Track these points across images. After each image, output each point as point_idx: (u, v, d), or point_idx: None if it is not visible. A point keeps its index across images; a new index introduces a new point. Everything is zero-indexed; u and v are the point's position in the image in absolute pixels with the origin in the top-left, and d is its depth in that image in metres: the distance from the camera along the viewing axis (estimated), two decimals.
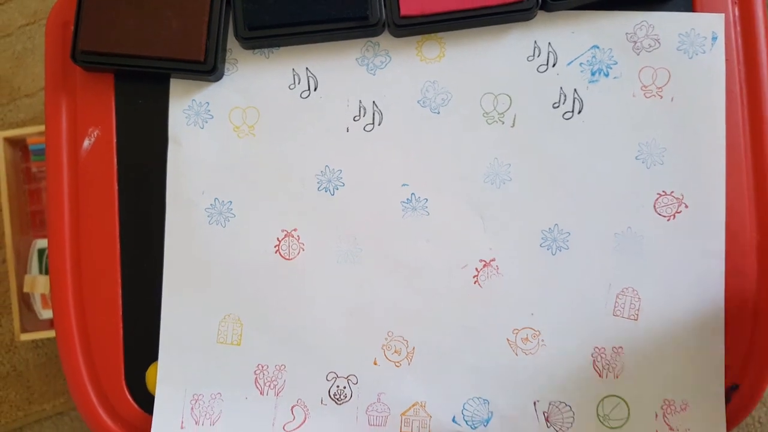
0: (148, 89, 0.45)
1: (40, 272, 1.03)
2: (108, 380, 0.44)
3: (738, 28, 0.45)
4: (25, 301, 1.02)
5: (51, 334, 1.01)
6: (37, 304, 1.02)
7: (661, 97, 0.44)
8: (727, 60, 0.44)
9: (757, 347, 0.43)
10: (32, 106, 1.14)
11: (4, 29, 1.16)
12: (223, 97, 0.45)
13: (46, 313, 1.03)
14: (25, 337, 1.00)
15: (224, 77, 0.45)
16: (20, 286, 1.00)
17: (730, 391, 0.43)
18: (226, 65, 0.45)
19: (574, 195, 0.44)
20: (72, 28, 0.45)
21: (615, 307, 0.43)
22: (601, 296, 0.43)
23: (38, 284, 1.00)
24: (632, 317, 0.43)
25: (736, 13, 0.45)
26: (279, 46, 0.45)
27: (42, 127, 1.04)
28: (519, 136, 0.44)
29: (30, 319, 1.02)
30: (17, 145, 1.04)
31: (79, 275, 0.45)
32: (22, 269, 1.02)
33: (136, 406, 0.44)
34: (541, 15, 0.44)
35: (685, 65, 0.44)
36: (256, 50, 0.45)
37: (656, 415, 0.43)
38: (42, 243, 1.05)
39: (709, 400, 0.43)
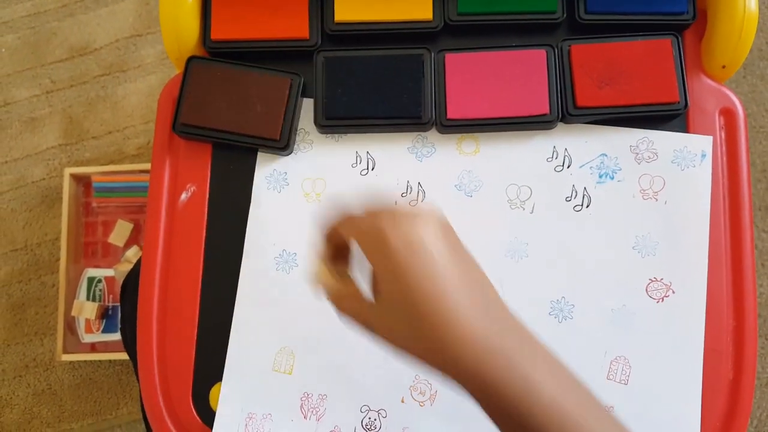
0: (239, 158, 0.53)
1: (88, 299, 1.08)
2: (178, 395, 0.51)
3: (724, 149, 0.52)
4: (70, 324, 1.06)
5: (90, 357, 1.05)
6: (81, 328, 1.06)
7: (657, 200, 0.51)
8: (713, 174, 0.51)
9: (730, 414, 0.49)
10: (98, 147, 1.21)
11: (81, 77, 1.25)
12: (299, 169, 0.53)
13: (88, 338, 1.06)
14: (66, 357, 1.03)
15: (300, 153, 0.53)
16: (68, 310, 1.05)
17: None
18: (304, 144, 0.53)
19: (579, 274, 0.50)
20: None
21: (609, 371, 0.49)
22: (597, 361, 0.49)
23: (85, 309, 1.04)
24: (623, 381, 0.49)
25: (723, 137, 0.52)
26: (347, 133, 0.54)
27: (105, 167, 1.11)
28: (536, 221, 0.52)
29: (72, 342, 1.06)
30: (81, 181, 1.11)
31: (164, 304, 0.52)
32: (71, 295, 1.07)
33: (198, 419, 0.51)
34: (560, 126, 0.52)
35: (677, 176, 0.51)
36: (329, 134, 0.54)
37: None
38: (92, 272, 1.10)
39: None
